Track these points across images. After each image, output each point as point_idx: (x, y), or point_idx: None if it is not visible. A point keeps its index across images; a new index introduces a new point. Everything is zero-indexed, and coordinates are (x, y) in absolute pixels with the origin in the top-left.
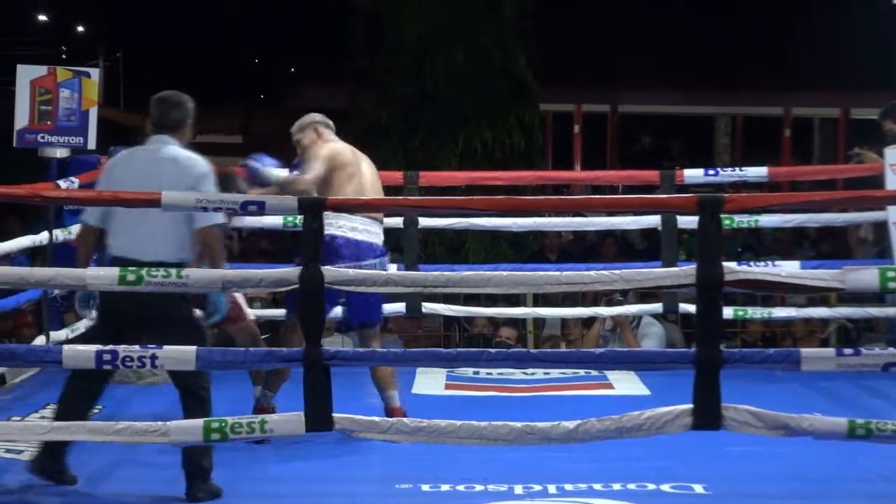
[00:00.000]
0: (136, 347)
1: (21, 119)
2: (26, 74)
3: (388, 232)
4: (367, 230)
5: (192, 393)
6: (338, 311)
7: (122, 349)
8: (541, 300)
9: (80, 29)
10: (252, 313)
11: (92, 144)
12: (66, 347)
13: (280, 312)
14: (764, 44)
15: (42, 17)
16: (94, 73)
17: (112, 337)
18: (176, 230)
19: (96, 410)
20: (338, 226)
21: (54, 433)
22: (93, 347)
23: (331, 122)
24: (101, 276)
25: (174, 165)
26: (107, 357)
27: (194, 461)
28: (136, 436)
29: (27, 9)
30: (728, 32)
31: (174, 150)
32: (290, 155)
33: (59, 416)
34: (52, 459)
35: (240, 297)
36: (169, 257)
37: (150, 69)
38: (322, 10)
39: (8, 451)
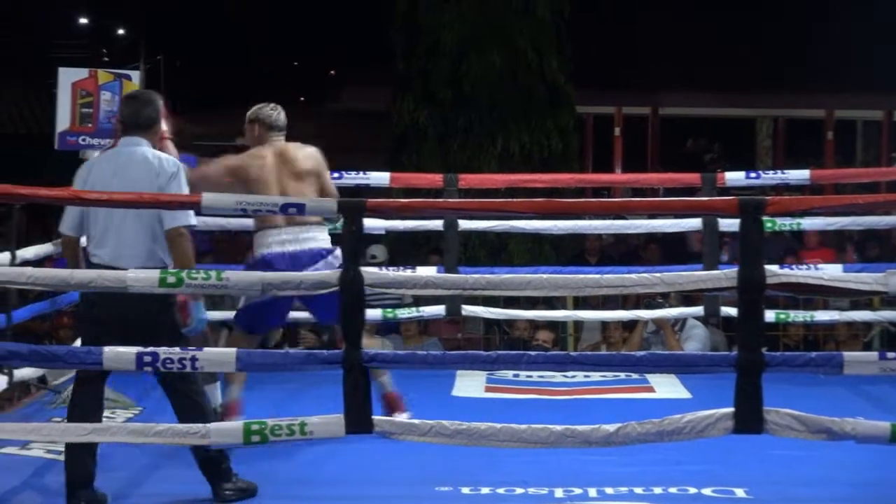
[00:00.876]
0: (177, 349)
1: (62, 121)
2: (68, 77)
3: (429, 234)
4: (296, 238)
5: (184, 394)
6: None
7: (163, 351)
8: (581, 303)
9: (122, 31)
10: None
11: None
12: (106, 349)
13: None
14: (806, 45)
15: (83, 20)
16: (136, 75)
17: (94, 342)
18: (149, 232)
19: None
20: (266, 244)
21: (95, 435)
22: (133, 349)
23: (276, 121)
24: (141, 278)
25: (144, 167)
26: (147, 359)
27: (210, 464)
28: (177, 437)
29: (69, 11)
30: (770, 34)
31: (144, 151)
32: (328, 157)
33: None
34: (84, 489)
35: None
36: (146, 262)
37: (191, 72)
38: (361, 13)
39: (48, 451)
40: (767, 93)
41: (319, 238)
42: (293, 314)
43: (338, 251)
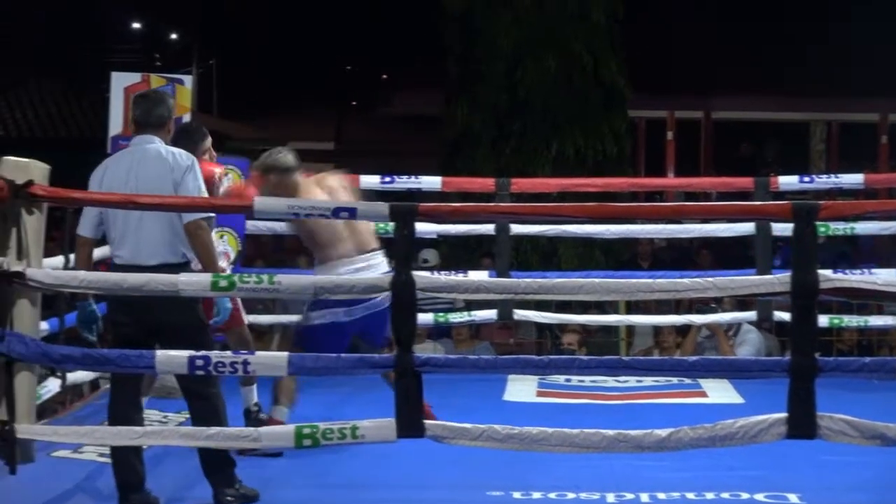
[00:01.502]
0: (228, 353)
1: (115, 126)
2: (120, 81)
3: (481, 239)
4: (369, 265)
5: (199, 396)
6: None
7: (215, 355)
8: (633, 308)
9: (174, 36)
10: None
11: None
12: (158, 353)
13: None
14: (860, 49)
15: (136, 25)
16: (188, 80)
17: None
18: (169, 228)
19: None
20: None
21: (147, 438)
22: (185, 353)
23: (290, 162)
24: (193, 282)
25: (159, 163)
26: (199, 363)
27: (215, 467)
28: (228, 441)
29: (122, 16)
30: (823, 37)
31: (156, 147)
32: (381, 161)
33: (113, 422)
34: (135, 492)
35: (239, 302)
36: (169, 258)
37: (244, 76)
38: (415, 17)
39: (101, 455)
40: (821, 96)
41: (384, 264)
42: None
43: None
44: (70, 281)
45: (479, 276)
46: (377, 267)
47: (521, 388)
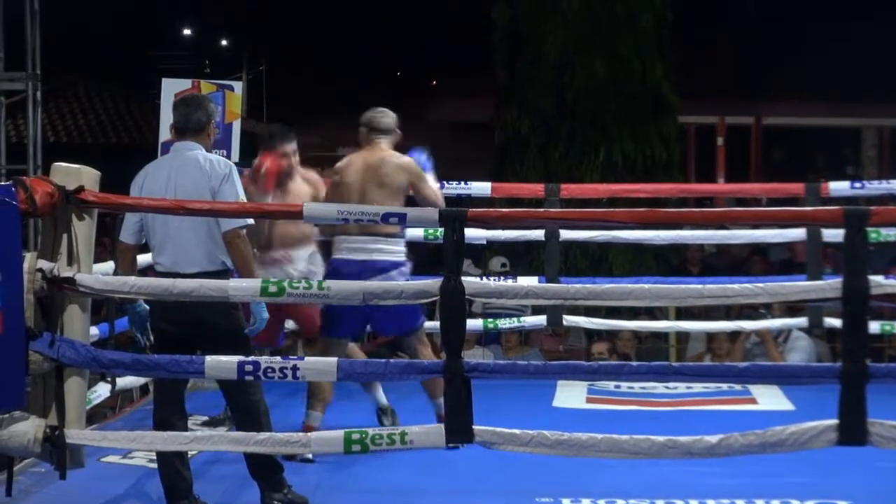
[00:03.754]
0: (278, 359)
1: (165, 132)
2: (171, 88)
3: (530, 245)
4: (364, 248)
5: (239, 405)
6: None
7: (264, 360)
8: (684, 314)
9: (224, 43)
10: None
11: (235, 157)
12: (208, 358)
13: None
14: None
15: (186, 32)
16: (238, 86)
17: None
18: (207, 236)
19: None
20: (337, 250)
21: (196, 444)
22: (234, 358)
23: (378, 123)
24: (243, 287)
25: (196, 170)
26: (248, 368)
27: (263, 472)
28: (278, 446)
29: (172, 23)
30: (874, 43)
31: (195, 154)
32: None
33: (158, 427)
34: (184, 498)
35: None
36: (207, 266)
37: (293, 82)
38: (463, 23)
39: (150, 460)
40: (873, 102)
41: (387, 250)
42: None
43: (405, 266)
44: (120, 287)
45: (528, 281)
46: (374, 253)
47: (570, 395)
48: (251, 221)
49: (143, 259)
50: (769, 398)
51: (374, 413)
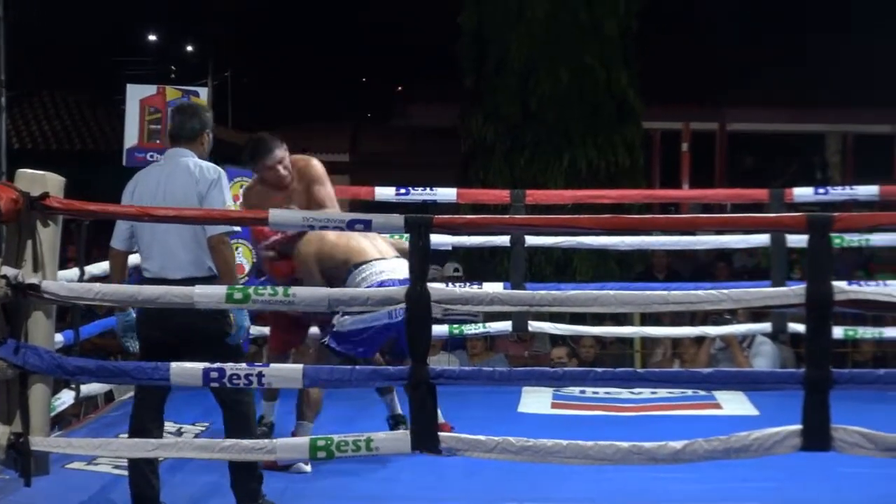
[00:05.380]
0: (243, 365)
1: (130, 138)
2: (136, 93)
3: (495, 251)
4: (394, 268)
5: (232, 409)
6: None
7: (229, 367)
8: (649, 319)
9: (190, 49)
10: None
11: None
12: (173, 365)
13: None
14: (875, 61)
15: (152, 37)
16: (203, 92)
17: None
18: (194, 241)
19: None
20: (367, 278)
21: (161, 451)
22: (200, 365)
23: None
24: (208, 293)
25: (186, 176)
26: (213, 374)
27: (241, 481)
28: (243, 453)
29: (138, 29)
30: (838, 50)
31: (186, 160)
32: (395, 172)
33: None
34: None
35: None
36: (194, 272)
37: (259, 89)
38: (429, 30)
39: (116, 467)
40: (836, 109)
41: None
42: None
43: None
44: (85, 293)
45: (493, 287)
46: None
47: (535, 400)
48: (237, 228)
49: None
50: (734, 403)
51: (385, 421)
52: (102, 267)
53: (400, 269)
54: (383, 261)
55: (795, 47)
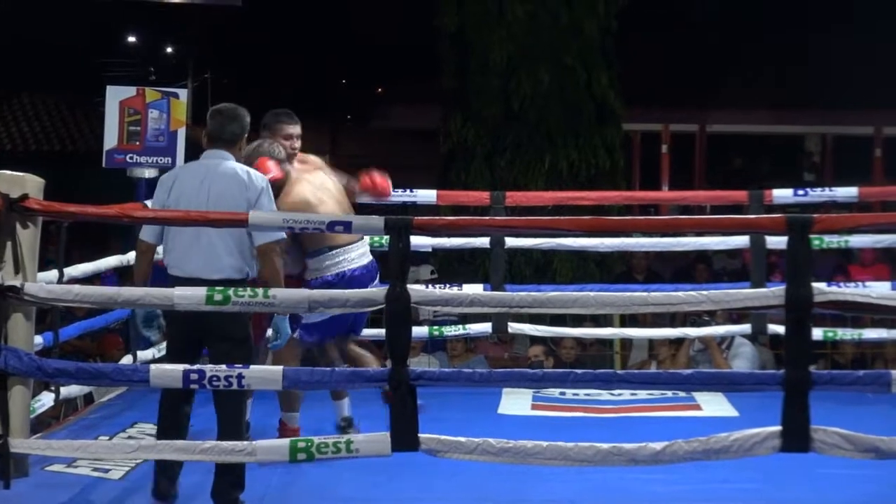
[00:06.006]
0: (223, 367)
1: (110, 139)
2: (115, 95)
3: (475, 252)
4: (363, 253)
5: (224, 408)
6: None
7: (209, 369)
8: (629, 320)
9: (170, 50)
10: None
11: (180, 164)
12: (153, 367)
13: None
14: (854, 62)
15: (131, 39)
16: (183, 93)
17: (180, 351)
18: (237, 246)
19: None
20: (338, 263)
21: (141, 452)
22: (180, 367)
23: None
24: (188, 296)
25: (234, 182)
26: (194, 376)
27: (223, 490)
28: (223, 455)
29: (117, 30)
30: (818, 51)
31: (232, 165)
32: None
33: (160, 435)
34: (171, 482)
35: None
36: (233, 274)
37: (239, 90)
38: (408, 31)
39: (95, 469)
40: (815, 110)
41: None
42: None
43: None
44: (64, 295)
45: (473, 289)
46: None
47: (515, 402)
48: (283, 235)
49: (90, 267)
50: (713, 405)
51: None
52: (82, 269)
53: (366, 252)
54: (352, 247)
55: (776, 48)
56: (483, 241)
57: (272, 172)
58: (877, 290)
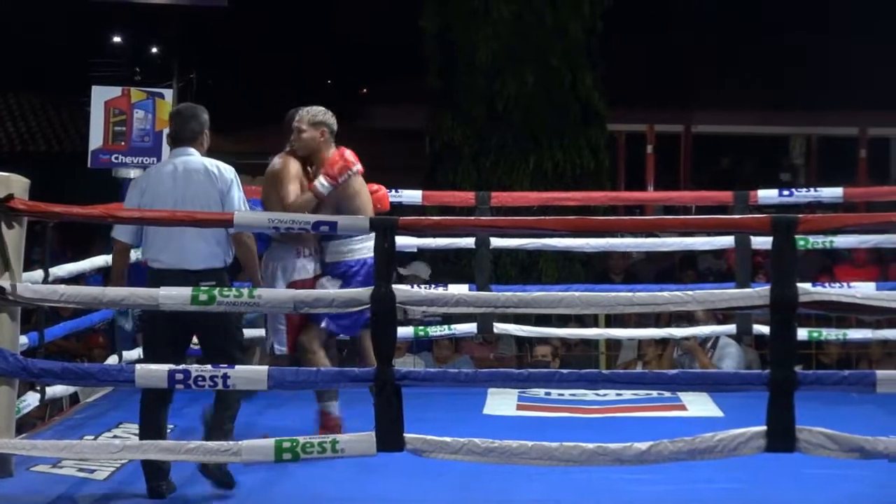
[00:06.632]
0: (209, 367)
1: (95, 140)
2: (101, 95)
3: (460, 252)
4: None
5: (224, 400)
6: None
7: (195, 369)
8: (614, 321)
9: (155, 50)
10: None
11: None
12: (138, 367)
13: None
14: (839, 63)
15: (116, 39)
16: (168, 94)
17: (168, 340)
18: (213, 234)
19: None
20: (349, 251)
21: (126, 452)
22: (164, 367)
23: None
24: (174, 295)
25: (204, 175)
26: (179, 376)
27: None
28: (208, 455)
29: (102, 31)
30: (802, 52)
31: (199, 160)
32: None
33: (142, 435)
34: (163, 479)
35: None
36: (214, 262)
37: (223, 90)
38: (394, 31)
39: (81, 469)
40: (800, 110)
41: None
42: None
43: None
44: (50, 295)
45: (459, 289)
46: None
47: (501, 402)
48: None
49: (75, 267)
50: (698, 405)
51: None
52: (67, 269)
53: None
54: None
55: (760, 50)
56: (468, 242)
57: (357, 165)
58: (861, 291)
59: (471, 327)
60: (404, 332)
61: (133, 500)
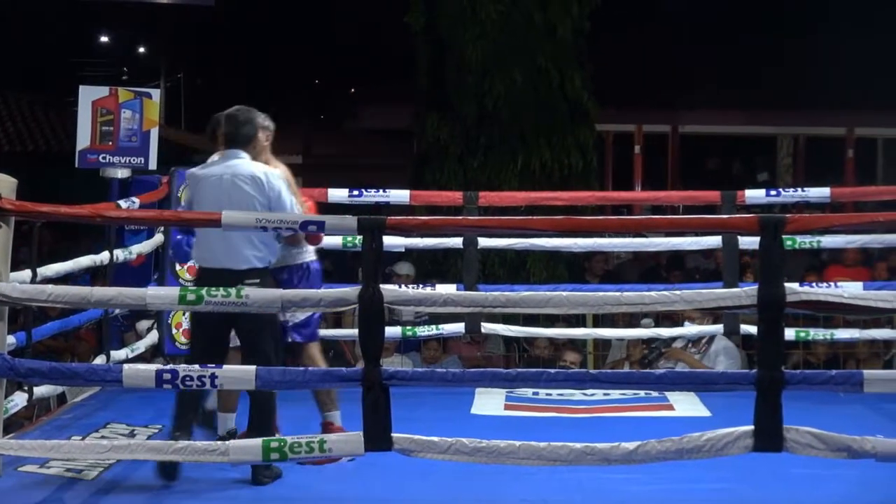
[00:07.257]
0: (196, 367)
1: (83, 139)
2: (88, 95)
3: (448, 252)
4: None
5: (259, 405)
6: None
7: (182, 369)
8: (602, 321)
9: (142, 50)
10: None
11: (153, 165)
12: (126, 367)
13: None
14: (826, 63)
15: (104, 39)
16: (156, 93)
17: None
18: (258, 237)
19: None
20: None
21: (114, 452)
22: (153, 367)
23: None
24: (161, 296)
25: (251, 183)
26: (166, 377)
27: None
28: (196, 455)
29: (89, 30)
30: (790, 52)
31: (250, 166)
32: (349, 175)
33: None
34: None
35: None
36: (256, 263)
37: (211, 90)
38: (382, 32)
39: (69, 469)
40: (788, 110)
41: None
42: None
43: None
44: (38, 295)
45: (446, 289)
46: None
47: (488, 402)
48: None
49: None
50: (686, 404)
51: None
52: (55, 268)
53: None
54: None
55: (748, 50)
56: (456, 242)
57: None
58: (849, 290)
59: (459, 327)
60: (392, 331)
61: (121, 500)
